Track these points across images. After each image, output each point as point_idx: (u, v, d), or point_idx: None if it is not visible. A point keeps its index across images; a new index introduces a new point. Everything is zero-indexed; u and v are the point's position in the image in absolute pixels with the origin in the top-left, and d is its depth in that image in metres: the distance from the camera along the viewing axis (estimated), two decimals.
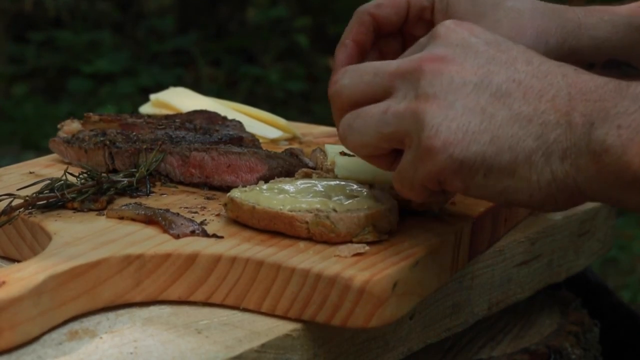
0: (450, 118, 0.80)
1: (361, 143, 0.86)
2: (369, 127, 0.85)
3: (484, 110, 0.80)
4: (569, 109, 0.79)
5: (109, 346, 0.79)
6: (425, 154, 0.81)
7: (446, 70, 0.82)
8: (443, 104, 0.81)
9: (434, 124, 0.80)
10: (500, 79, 0.81)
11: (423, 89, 0.82)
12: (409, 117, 0.82)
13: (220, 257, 0.86)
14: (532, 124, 0.80)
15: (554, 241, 1.17)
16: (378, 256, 0.87)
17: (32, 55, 4.91)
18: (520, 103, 0.80)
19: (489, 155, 0.80)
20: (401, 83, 0.84)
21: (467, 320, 1.06)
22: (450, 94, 0.81)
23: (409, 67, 0.84)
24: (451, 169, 0.81)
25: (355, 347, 0.89)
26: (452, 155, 0.80)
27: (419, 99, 0.82)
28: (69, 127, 1.19)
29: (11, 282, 0.78)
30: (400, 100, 0.83)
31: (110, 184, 1.01)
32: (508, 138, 0.80)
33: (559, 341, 1.14)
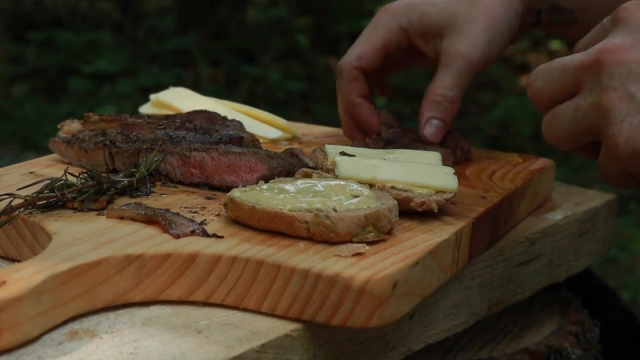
0: (633, 113, 0.84)
1: (560, 138, 0.92)
2: (565, 125, 0.91)
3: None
4: None
5: (109, 346, 0.79)
6: (611, 150, 0.86)
7: (624, 60, 0.85)
8: (624, 96, 0.84)
9: (618, 120, 0.85)
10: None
11: (605, 82, 0.85)
12: (596, 113, 0.87)
13: (220, 257, 0.86)
14: None
15: (554, 241, 1.17)
16: (378, 256, 0.87)
17: (32, 55, 4.92)
18: None
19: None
20: (586, 77, 0.88)
21: (467, 320, 1.06)
22: (631, 84, 0.84)
23: (590, 60, 0.87)
24: (636, 162, 0.85)
25: (355, 347, 0.89)
26: (635, 150, 0.85)
27: (602, 93, 0.86)
28: (69, 127, 1.19)
29: (11, 282, 0.78)
30: (587, 96, 0.88)
31: (110, 184, 1.01)
32: None
33: (559, 341, 1.14)
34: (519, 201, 1.13)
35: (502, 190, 1.10)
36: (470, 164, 1.21)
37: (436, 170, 1.01)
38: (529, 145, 3.97)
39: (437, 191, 0.99)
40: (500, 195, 1.08)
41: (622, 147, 0.85)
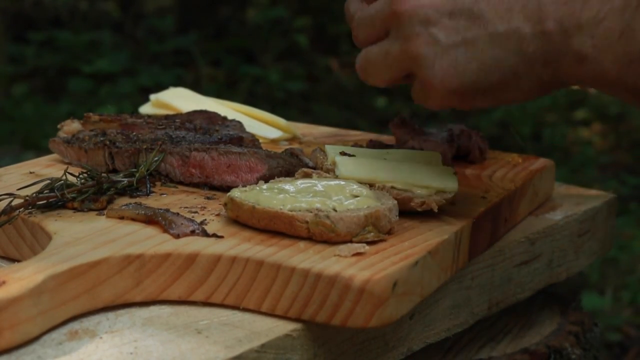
0: (440, 55, 0.90)
1: (379, 82, 0.97)
2: (379, 70, 0.96)
3: (465, 39, 0.89)
4: (540, 16, 0.87)
5: (109, 346, 0.79)
6: (428, 90, 0.92)
7: (418, 6, 0.90)
8: (429, 40, 0.90)
9: (428, 63, 0.90)
10: (469, 1, 0.89)
11: (406, 29, 0.91)
12: (406, 59, 0.92)
13: (220, 256, 0.86)
14: (510, 41, 0.88)
15: (554, 241, 1.17)
16: (378, 256, 0.87)
17: (32, 55, 4.92)
18: (494, 22, 0.88)
19: (480, 81, 0.90)
20: (389, 26, 0.93)
21: (467, 320, 1.06)
22: (431, 27, 0.90)
23: (388, 13, 0.92)
24: (453, 99, 0.91)
25: (355, 347, 0.89)
26: (450, 90, 0.90)
27: (407, 41, 0.91)
28: (69, 127, 1.19)
29: (11, 282, 0.78)
30: (393, 42, 0.93)
31: (110, 184, 1.01)
32: (492, 60, 0.89)
33: (559, 341, 1.14)
34: (519, 201, 1.13)
35: (502, 190, 1.10)
36: (470, 164, 1.21)
37: (436, 170, 1.01)
38: (529, 145, 3.97)
39: (437, 191, 0.99)
40: (500, 195, 1.08)
41: (438, 88, 0.90)
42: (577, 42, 0.86)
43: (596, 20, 0.85)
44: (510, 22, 0.88)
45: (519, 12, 0.88)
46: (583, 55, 0.86)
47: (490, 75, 0.89)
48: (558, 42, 0.87)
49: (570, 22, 0.86)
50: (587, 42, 0.86)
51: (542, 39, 0.87)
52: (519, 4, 0.88)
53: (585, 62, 0.86)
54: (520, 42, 0.88)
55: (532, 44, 0.88)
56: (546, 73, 0.89)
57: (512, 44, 0.88)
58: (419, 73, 0.92)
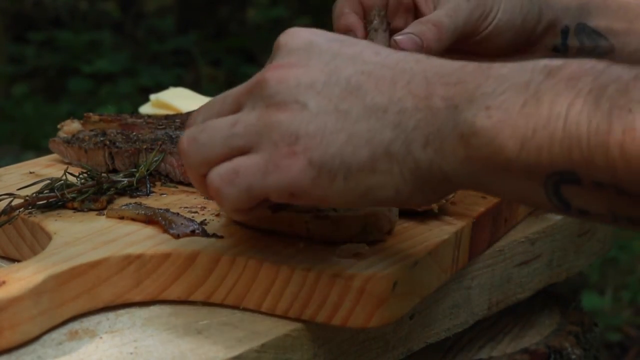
0: (307, 121, 0.75)
1: (205, 158, 0.78)
2: (215, 141, 0.78)
3: (337, 108, 0.75)
4: (427, 93, 0.73)
5: (109, 346, 0.79)
6: (282, 160, 0.75)
7: (291, 74, 0.77)
8: (295, 107, 0.75)
9: (292, 131, 0.75)
10: (349, 73, 0.76)
11: (271, 98, 0.76)
12: (261, 128, 0.76)
13: (220, 257, 0.86)
14: (389, 113, 0.74)
15: (554, 241, 1.17)
16: (378, 256, 0.86)
17: (32, 55, 4.92)
18: (373, 94, 0.75)
19: (346, 155, 0.74)
20: (247, 98, 0.78)
21: (467, 320, 1.06)
22: (300, 95, 0.76)
23: (252, 82, 0.78)
24: (309, 176, 0.74)
25: (355, 347, 0.89)
26: (311, 160, 0.74)
27: (270, 108, 0.76)
28: (69, 127, 1.19)
29: (11, 282, 0.78)
30: (249, 112, 0.77)
31: (110, 184, 1.01)
32: (365, 133, 0.74)
33: (559, 341, 1.14)
34: None
35: None
36: None
37: None
38: None
39: None
40: None
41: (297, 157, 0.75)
42: (469, 114, 0.71)
43: (494, 94, 0.70)
44: (392, 95, 0.74)
45: (402, 87, 0.74)
46: (474, 129, 0.70)
47: (360, 150, 0.74)
48: (444, 119, 0.72)
49: (461, 98, 0.72)
50: (481, 114, 0.70)
51: (425, 113, 0.73)
52: (404, 80, 0.75)
53: (476, 136, 0.70)
54: (400, 115, 0.74)
55: (413, 118, 0.73)
56: (425, 157, 0.73)
57: (390, 116, 0.74)
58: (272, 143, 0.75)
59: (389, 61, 0.77)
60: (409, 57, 0.77)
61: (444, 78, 0.74)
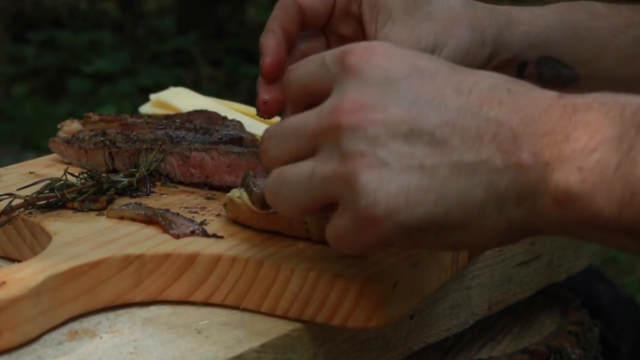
0: (387, 180, 0.71)
1: (292, 210, 0.78)
2: (298, 195, 0.76)
3: (423, 166, 0.71)
4: (515, 149, 0.70)
5: (109, 346, 0.79)
6: (366, 223, 0.72)
7: (368, 121, 0.72)
8: (374, 162, 0.71)
9: (370, 190, 0.71)
10: (432, 123, 0.72)
11: (347, 147, 0.72)
12: (338, 181, 0.73)
13: (220, 257, 0.86)
14: (479, 174, 0.71)
15: (554, 241, 1.17)
16: (378, 256, 0.86)
17: (32, 55, 4.92)
18: (460, 150, 0.71)
19: (437, 216, 0.71)
20: (322, 141, 0.74)
21: (467, 320, 1.06)
22: (379, 149, 0.71)
23: (326, 124, 0.74)
24: (398, 235, 0.72)
25: (355, 347, 0.89)
26: (398, 223, 0.71)
27: (346, 160, 0.72)
28: (69, 127, 1.19)
29: (11, 282, 0.78)
30: (325, 161, 0.74)
31: (110, 184, 1.01)
32: (455, 193, 0.71)
33: (559, 341, 1.14)
34: None
35: None
36: None
37: None
38: None
39: None
40: None
41: (382, 220, 0.71)
42: (561, 177, 0.68)
43: (585, 151, 0.67)
44: (479, 152, 0.71)
45: (489, 141, 0.70)
46: (569, 194, 0.68)
47: (451, 212, 0.71)
48: (536, 177, 0.69)
49: (551, 154, 0.69)
50: (574, 177, 0.67)
51: (516, 171, 0.70)
52: (490, 133, 0.71)
53: (571, 201, 0.68)
54: (491, 175, 0.70)
55: (505, 178, 0.70)
56: (518, 215, 0.71)
57: (480, 177, 0.70)
58: (354, 202, 0.72)
59: (473, 105, 0.72)
60: (490, 96, 0.72)
61: (530, 127, 0.70)
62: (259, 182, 0.91)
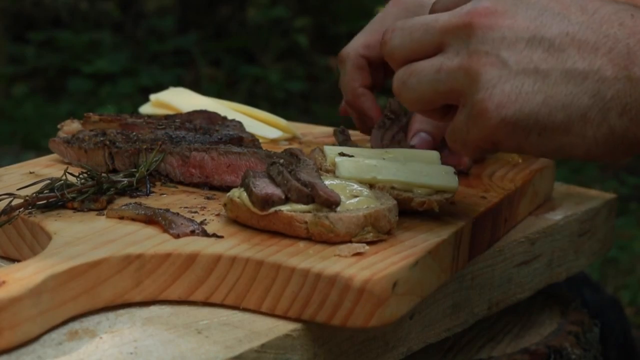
0: (504, 79, 0.80)
1: (416, 100, 0.87)
2: (423, 85, 0.85)
3: (537, 69, 0.80)
4: (627, 63, 0.78)
5: (109, 346, 0.79)
6: (478, 115, 0.82)
7: (497, 25, 0.81)
8: (496, 62, 0.81)
9: (489, 85, 0.81)
10: (553, 33, 0.80)
11: (475, 45, 0.82)
12: (462, 75, 0.82)
13: (220, 256, 0.86)
14: (588, 81, 0.79)
15: (554, 241, 1.17)
16: (378, 256, 0.87)
17: (32, 55, 4.92)
18: (575, 59, 0.79)
19: (542, 116, 0.80)
20: (452, 39, 0.84)
21: (467, 320, 1.06)
22: (503, 50, 0.81)
23: (459, 22, 0.83)
24: (504, 130, 0.81)
25: (355, 347, 0.89)
26: (505, 118, 0.81)
27: (472, 57, 0.82)
28: (69, 127, 1.19)
29: (11, 282, 0.78)
30: (452, 57, 0.84)
31: (110, 184, 1.01)
32: (562, 97, 0.79)
33: (559, 341, 1.14)
34: (518, 201, 1.13)
35: (502, 190, 1.10)
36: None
37: (436, 170, 1.01)
38: None
39: (437, 191, 0.98)
40: (500, 195, 1.08)
41: (492, 113, 0.81)
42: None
43: None
44: (593, 62, 0.79)
45: (604, 54, 0.79)
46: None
47: (556, 113, 0.80)
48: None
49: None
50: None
51: (625, 83, 0.78)
52: (606, 47, 0.79)
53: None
54: (599, 84, 0.78)
55: (613, 88, 0.78)
56: (620, 124, 0.79)
57: (589, 83, 0.79)
58: (473, 95, 0.82)
59: (594, 22, 0.80)
60: (613, 18, 0.80)
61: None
62: (259, 182, 0.92)
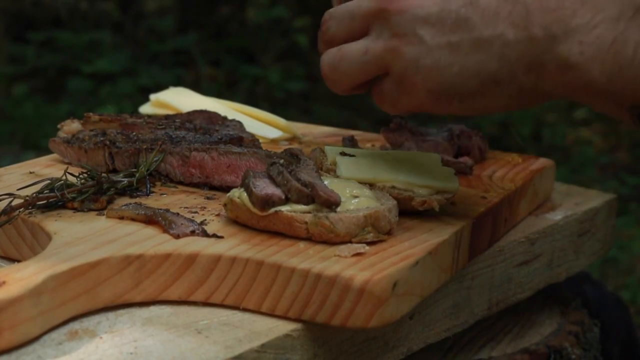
0: (424, 54, 0.88)
1: (347, 80, 0.94)
2: (354, 67, 0.93)
3: (450, 42, 0.88)
4: (527, 24, 0.84)
5: (109, 346, 0.79)
6: (408, 88, 0.90)
7: (408, 5, 0.89)
8: (415, 40, 0.89)
9: (412, 63, 0.89)
10: (458, 4, 0.88)
11: (393, 28, 0.90)
12: (388, 55, 0.90)
13: (220, 257, 0.86)
14: (494, 47, 0.86)
15: (554, 241, 1.17)
16: (378, 256, 0.86)
17: (32, 55, 4.91)
18: (480, 27, 0.87)
19: (458, 85, 0.88)
20: (373, 23, 0.92)
21: (467, 320, 1.06)
22: (418, 28, 0.88)
23: (376, 8, 0.91)
24: (430, 99, 0.90)
25: (355, 347, 0.89)
26: (431, 90, 0.89)
27: (393, 39, 0.90)
28: (69, 127, 1.19)
29: (11, 282, 0.78)
30: (376, 39, 0.91)
31: (110, 184, 1.01)
32: (473, 65, 0.87)
33: (559, 341, 1.14)
34: (519, 201, 1.13)
35: (502, 190, 1.10)
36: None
37: (436, 170, 1.01)
38: (529, 145, 3.97)
39: (438, 191, 0.98)
40: (500, 195, 1.08)
41: (419, 86, 0.89)
42: (564, 48, 0.83)
43: (587, 27, 0.82)
44: (496, 27, 0.86)
45: (505, 18, 0.86)
46: (569, 63, 0.83)
47: (470, 80, 0.88)
48: (543, 48, 0.84)
49: (559, 28, 0.83)
50: (575, 49, 0.83)
51: (526, 44, 0.85)
52: (506, 10, 0.86)
53: (571, 70, 0.83)
54: (504, 48, 0.86)
55: (516, 50, 0.85)
56: (528, 81, 0.87)
57: (495, 49, 0.86)
58: (398, 71, 0.90)
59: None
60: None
61: (543, 3, 0.84)
62: (259, 182, 0.92)
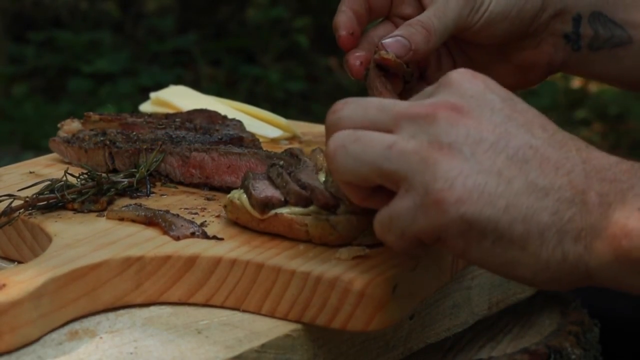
0: (466, 174, 0.74)
1: (352, 170, 0.78)
2: (368, 156, 0.77)
3: (501, 173, 0.75)
4: (585, 187, 0.75)
5: (109, 346, 0.79)
6: (433, 206, 0.74)
7: (462, 121, 0.76)
8: (458, 156, 0.74)
9: (449, 176, 0.74)
10: (518, 143, 0.76)
11: (437, 136, 0.75)
12: (416, 160, 0.75)
13: (220, 259, 0.86)
14: (549, 198, 0.75)
15: None
16: (378, 259, 0.86)
17: (32, 55, 4.92)
18: (537, 173, 0.75)
19: (502, 223, 0.74)
20: (409, 124, 0.77)
21: (467, 320, 1.06)
22: (466, 147, 0.75)
23: (421, 111, 0.77)
24: (459, 228, 0.74)
25: (355, 347, 0.89)
26: (464, 215, 0.73)
27: (432, 146, 0.75)
28: (69, 127, 1.19)
29: (11, 285, 0.78)
30: (408, 139, 0.76)
31: (110, 185, 1.01)
32: (524, 209, 0.74)
33: (559, 341, 1.14)
34: None
35: None
36: None
37: None
38: None
39: None
40: None
41: (450, 207, 0.73)
42: (621, 215, 0.74)
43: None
44: (554, 180, 0.75)
45: (563, 175, 0.75)
46: (626, 231, 0.73)
47: (516, 224, 0.74)
48: (598, 215, 0.74)
49: (616, 197, 0.74)
50: (634, 216, 0.73)
51: (581, 208, 0.75)
52: (566, 168, 0.76)
53: (628, 239, 0.73)
54: (559, 204, 0.75)
55: (570, 211, 0.75)
56: (574, 251, 0.75)
57: (549, 201, 0.75)
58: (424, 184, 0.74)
59: (555, 141, 0.77)
60: (570, 143, 0.78)
61: (600, 173, 0.76)
62: (258, 184, 0.91)
